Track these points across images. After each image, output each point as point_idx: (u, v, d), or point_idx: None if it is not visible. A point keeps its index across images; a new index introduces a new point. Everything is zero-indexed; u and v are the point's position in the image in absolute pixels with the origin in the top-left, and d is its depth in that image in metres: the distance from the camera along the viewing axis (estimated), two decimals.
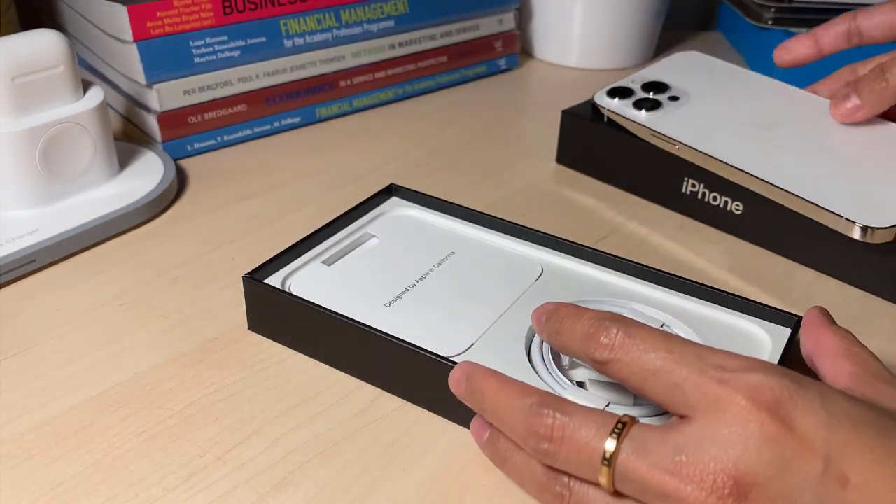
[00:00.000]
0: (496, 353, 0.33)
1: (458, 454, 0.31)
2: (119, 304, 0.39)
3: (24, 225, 0.42)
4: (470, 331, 0.34)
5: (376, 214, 0.42)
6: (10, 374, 0.34)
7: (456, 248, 0.40)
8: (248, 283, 0.36)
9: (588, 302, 0.36)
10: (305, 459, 0.30)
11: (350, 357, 0.34)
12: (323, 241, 0.40)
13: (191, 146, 0.54)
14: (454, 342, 0.33)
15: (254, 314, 0.37)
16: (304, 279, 0.37)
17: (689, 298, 0.37)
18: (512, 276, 0.38)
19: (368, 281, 0.37)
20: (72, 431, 0.31)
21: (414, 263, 0.39)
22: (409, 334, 0.32)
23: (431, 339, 0.33)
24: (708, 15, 0.88)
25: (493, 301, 0.36)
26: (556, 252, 0.40)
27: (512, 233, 0.41)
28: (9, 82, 0.41)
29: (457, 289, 0.37)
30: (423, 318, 0.35)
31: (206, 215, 0.47)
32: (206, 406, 0.33)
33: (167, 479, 0.29)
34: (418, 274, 0.38)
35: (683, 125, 0.47)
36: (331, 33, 0.57)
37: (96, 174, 0.45)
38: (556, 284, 0.38)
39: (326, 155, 0.55)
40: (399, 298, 0.36)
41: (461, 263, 0.39)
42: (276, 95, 0.56)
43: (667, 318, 0.35)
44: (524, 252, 0.40)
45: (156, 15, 0.50)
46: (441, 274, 0.38)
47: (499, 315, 0.35)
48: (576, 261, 0.39)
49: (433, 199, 0.43)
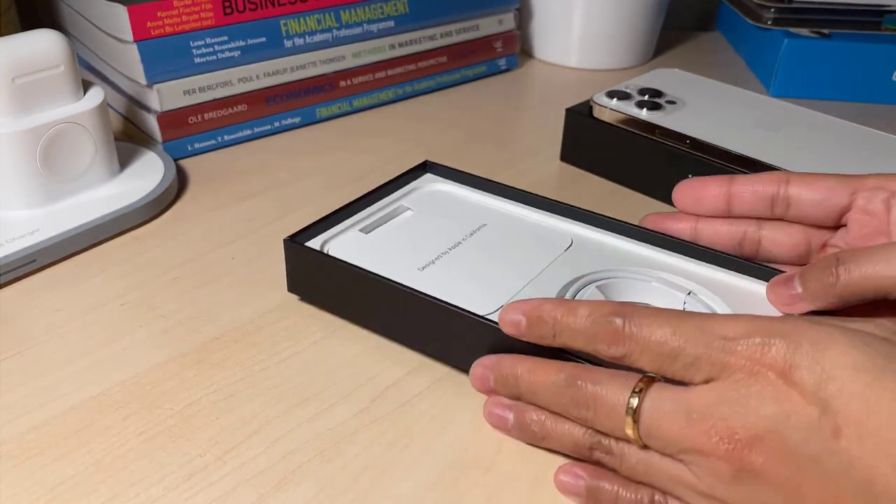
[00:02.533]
0: None
1: (459, 454, 0.31)
2: (119, 304, 0.39)
3: (25, 225, 0.42)
4: (500, 294, 0.35)
5: (411, 189, 0.43)
6: (10, 374, 0.34)
7: (487, 221, 0.41)
8: (289, 246, 0.37)
9: (617, 272, 0.36)
10: (305, 459, 0.30)
11: (384, 316, 0.36)
12: (359, 212, 0.41)
13: (191, 146, 0.54)
14: (484, 303, 0.34)
15: (293, 276, 0.38)
16: (342, 244, 0.38)
17: (715, 268, 0.37)
18: (542, 246, 0.39)
19: (403, 248, 0.38)
20: (72, 431, 0.31)
21: (447, 233, 0.39)
22: (442, 294, 0.33)
23: (462, 300, 0.33)
24: (708, 15, 0.89)
25: (522, 268, 0.37)
26: (586, 225, 0.40)
27: (543, 207, 0.41)
28: (9, 82, 0.41)
29: (488, 256, 0.38)
30: (454, 280, 0.36)
31: (206, 215, 0.47)
32: (206, 406, 0.33)
33: (167, 478, 0.29)
34: (451, 243, 0.39)
35: (687, 124, 0.48)
36: (331, 33, 0.57)
37: (96, 174, 0.45)
38: (585, 254, 0.38)
39: (326, 155, 0.55)
40: (432, 263, 0.37)
41: (492, 234, 0.40)
42: (276, 96, 0.56)
43: (694, 286, 0.35)
44: (554, 225, 0.40)
45: (156, 15, 0.50)
46: (473, 243, 0.39)
47: (528, 281, 0.36)
48: (605, 233, 0.39)
49: (466, 175, 0.44)
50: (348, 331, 0.37)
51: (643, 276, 0.36)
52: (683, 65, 0.64)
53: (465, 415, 0.33)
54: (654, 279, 0.36)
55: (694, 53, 0.78)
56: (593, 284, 0.36)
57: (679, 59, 0.76)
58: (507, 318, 0.31)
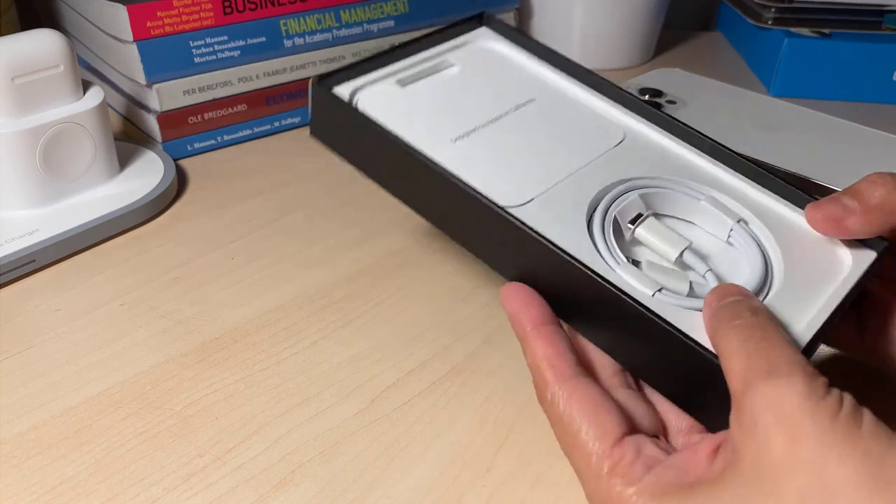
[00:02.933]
0: (554, 215, 0.30)
1: (459, 454, 0.31)
2: (119, 304, 0.39)
3: (24, 225, 0.42)
4: (534, 184, 0.31)
5: (461, 43, 0.39)
6: (9, 374, 0.34)
7: (538, 95, 0.37)
8: (317, 90, 0.34)
9: (666, 181, 0.33)
10: (305, 460, 0.30)
11: (404, 184, 0.32)
12: (400, 60, 0.37)
13: (191, 146, 0.54)
14: (514, 193, 0.31)
15: (317, 121, 0.35)
16: (375, 95, 0.35)
17: (774, 197, 0.33)
18: (590, 136, 0.35)
19: (440, 110, 0.34)
20: (72, 431, 0.31)
21: (490, 101, 0.35)
22: (470, 174, 0.30)
23: (491, 185, 0.30)
24: (708, 15, 0.88)
25: (565, 158, 0.33)
26: (643, 120, 0.36)
27: (600, 89, 0.37)
28: (9, 82, 0.41)
29: (529, 138, 0.34)
30: (487, 160, 0.32)
31: (206, 215, 0.47)
32: (205, 406, 0.33)
33: (167, 479, 0.29)
34: (493, 114, 0.35)
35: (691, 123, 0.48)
36: (331, 33, 0.57)
37: (96, 174, 0.45)
38: (636, 155, 0.34)
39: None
40: (468, 136, 0.33)
41: (540, 112, 0.36)
42: (276, 95, 0.56)
43: (746, 213, 0.32)
44: (608, 113, 0.36)
45: (156, 15, 0.50)
46: (517, 119, 0.35)
47: (568, 174, 0.32)
48: (662, 134, 0.35)
49: (525, 37, 0.39)
50: (348, 331, 0.37)
51: (694, 191, 0.33)
52: (683, 65, 0.64)
53: (465, 415, 0.33)
54: (705, 197, 0.32)
55: (694, 53, 0.78)
56: (637, 192, 0.32)
57: (679, 59, 0.76)
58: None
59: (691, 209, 0.33)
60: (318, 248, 0.43)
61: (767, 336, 0.24)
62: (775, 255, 0.31)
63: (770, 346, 0.23)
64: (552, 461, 0.30)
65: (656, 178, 0.33)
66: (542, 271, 0.29)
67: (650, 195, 0.32)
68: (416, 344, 0.36)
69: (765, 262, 0.30)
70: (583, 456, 0.25)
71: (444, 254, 0.43)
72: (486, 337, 0.37)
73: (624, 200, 0.32)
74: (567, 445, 0.26)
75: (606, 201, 0.32)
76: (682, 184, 0.33)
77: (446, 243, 0.44)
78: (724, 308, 0.26)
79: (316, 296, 0.40)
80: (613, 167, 0.33)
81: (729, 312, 0.25)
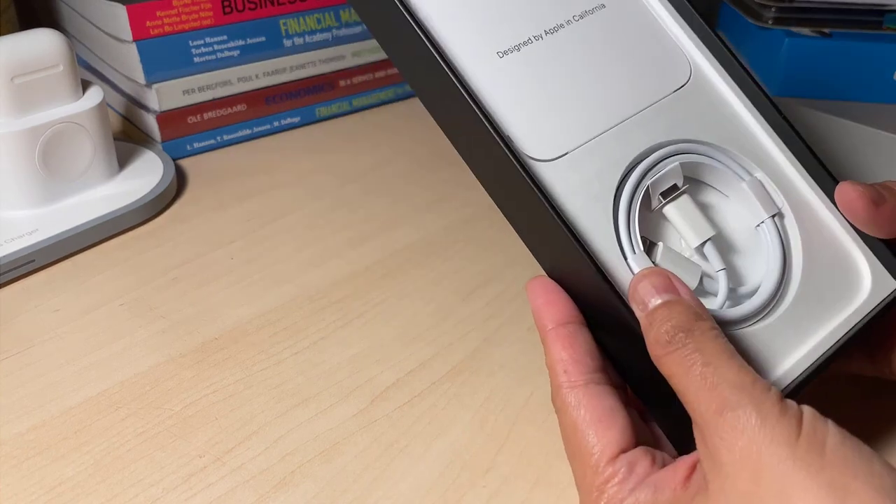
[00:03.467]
0: (582, 180, 0.28)
1: (459, 454, 0.31)
2: (119, 304, 0.39)
3: (24, 225, 0.42)
4: (574, 132, 0.29)
5: None
6: (9, 374, 0.34)
7: (608, 2, 0.32)
8: None
9: (715, 150, 0.30)
10: (305, 459, 0.30)
11: (430, 98, 0.29)
12: None
13: (190, 146, 0.54)
14: (548, 143, 0.28)
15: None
16: None
17: (817, 192, 0.31)
18: (654, 69, 0.31)
19: (491, 10, 0.30)
20: (71, 432, 0.31)
21: (552, 5, 0.31)
22: (507, 103, 0.28)
23: (525, 125, 0.28)
24: (708, 14, 0.88)
25: (618, 98, 0.30)
26: (715, 62, 0.32)
27: (679, 9, 0.33)
28: (8, 82, 0.41)
29: (586, 62, 0.30)
30: (529, 90, 0.29)
31: (205, 215, 0.47)
32: (205, 406, 0.33)
33: (166, 479, 0.29)
34: (552, 22, 0.30)
35: None
36: (330, 33, 0.57)
37: (96, 174, 0.45)
38: (694, 106, 0.31)
39: (326, 155, 0.54)
40: (517, 50, 0.29)
41: (605, 26, 0.31)
42: (275, 95, 0.56)
43: (784, 206, 0.30)
44: (679, 40, 0.32)
45: (155, 14, 0.50)
46: (578, 32, 0.31)
47: (615, 122, 0.29)
48: (729, 84, 0.32)
49: None
50: (348, 331, 0.37)
51: (741, 168, 0.30)
52: None
53: (465, 415, 0.33)
54: (749, 180, 0.30)
55: None
56: (679, 158, 0.29)
57: None
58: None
59: (733, 188, 0.30)
60: (317, 248, 0.43)
61: (707, 360, 0.23)
62: (797, 261, 0.29)
63: (713, 373, 0.23)
64: (553, 462, 0.30)
65: (706, 146, 0.30)
66: (553, 252, 0.27)
67: (692, 166, 0.30)
68: (416, 344, 0.36)
69: (783, 268, 0.29)
70: (581, 466, 0.25)
71: (445, 254, 0.43)
72: (486, 337, 0.37)
73: (662, 168, 0.29)
74: (570, 452, 0.26)
75: (643, 168, 0.29)
76: (732, 156, 0.30)
77: (446, 243, 0.44)
78: (656, 328, 0.24)
79: (316, 296, 0.39)
80: (666, 120, 0.30)
81: (663, 335, 0.24)
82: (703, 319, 0.24)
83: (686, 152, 0.30)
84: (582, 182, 0.28)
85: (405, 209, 0.47)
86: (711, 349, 0.23)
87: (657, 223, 0.30)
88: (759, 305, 0.28)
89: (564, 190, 0.27)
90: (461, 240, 0.44)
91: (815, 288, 0.29)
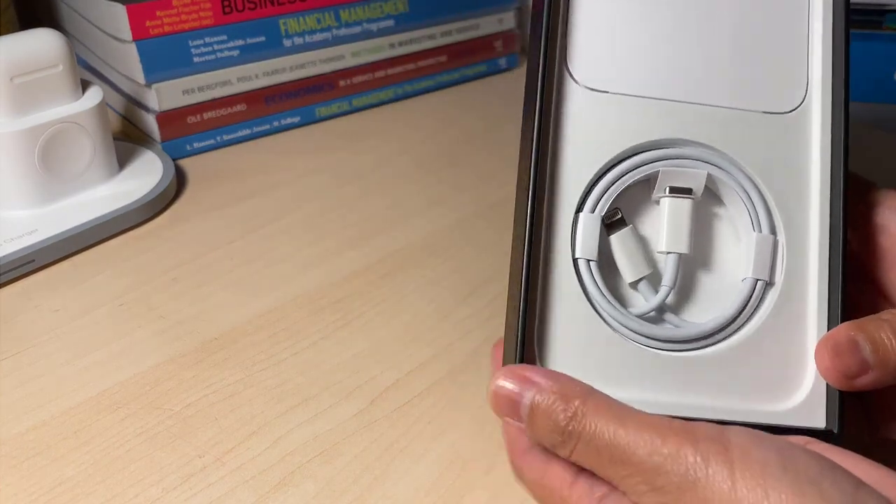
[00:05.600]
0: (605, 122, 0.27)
1: (458, 454, 0.31)
2: (118, 304, 0.39)
3: (23, 225, 0.42)
4: (630, 80, 0.27)
5: None
6: (9, 374, 0.34)
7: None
8: None
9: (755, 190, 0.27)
10: (305, 460, 0.30)
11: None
12: None
13: (190, 146, 0.54)
14: (600, 73, 0.27)
15: None
16: None
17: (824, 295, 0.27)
18: (762, 78, 0.27)
19: None
20: (70, 432, 0.31)
21: None
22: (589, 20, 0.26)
23: (591, 46, 0.26)
24: None
25: (701, 78, 0.27)
26: (829, 108, 0.27)
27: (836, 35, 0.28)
28: (7, 82, 0.41)
29: (693, 27, 0.27)
30: (621, 19, 0.27)
31: (205, 215, 0.47)
32: (205, 406, 0.33)
33: (166, 479, 0.29)
34: None
35: None
36: (330, 33, 0.57)
37: (95, 174, 0.45)
38: (772, 138, 0.27)
39: (326, 155, 0.54)
40: None
41: (744, 7, 0.28)
42: (275, 95, 0.56)
43: (779, 282, 0.27)
44: (812, 67, 0.28)
45: (155, 14, 0.50)
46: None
47: (677, 98, 0.27)
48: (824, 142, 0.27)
49: None
50: (348, 331, 0.37)
51: (766, 221, 0.27)
52: None
53: (465, 415, 0.33)
54: (763, 236, 0.27)
55: None
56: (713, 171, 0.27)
57: None
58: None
59: (745, 231, 0.28)
60: (317, 248, 0.43)
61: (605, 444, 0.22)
62: (746, 333, 0.27)
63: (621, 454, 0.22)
64: None
65: (749, 180, 0.27)
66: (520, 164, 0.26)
67: (722, 185, 0.27)
68: (416, 344, 0.36)
69: (727, 326, 0.27)
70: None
71: (445, 254, 0.43)
72: (487, 337, 0.37)
73: (688, 166, 0.27)
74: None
75: (667, 153, 0.27)
76: (767, 205, 0.27)
77: (446, 243, 0.44)
78: (537, 436, 0.23)
79: (316, 296, 0.39)
80: (734, 132, 0.27)
81: (546, 441, 0.23)
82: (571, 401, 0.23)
83: (725, 170, 0.27)
84: (600, 123, 0.26)
85: (405, 209, 0.47)
86: (602, 432, 0.22)
87: (644, 209, 0.28)
88: (682, 337, 0.27)
89: (577, 116, 0.26)
90: (461, 240, 0.44)
91: (743, 365, 0.27)
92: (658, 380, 0.26)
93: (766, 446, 0.21)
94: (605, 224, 0.27)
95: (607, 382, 0.25)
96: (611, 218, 0.27)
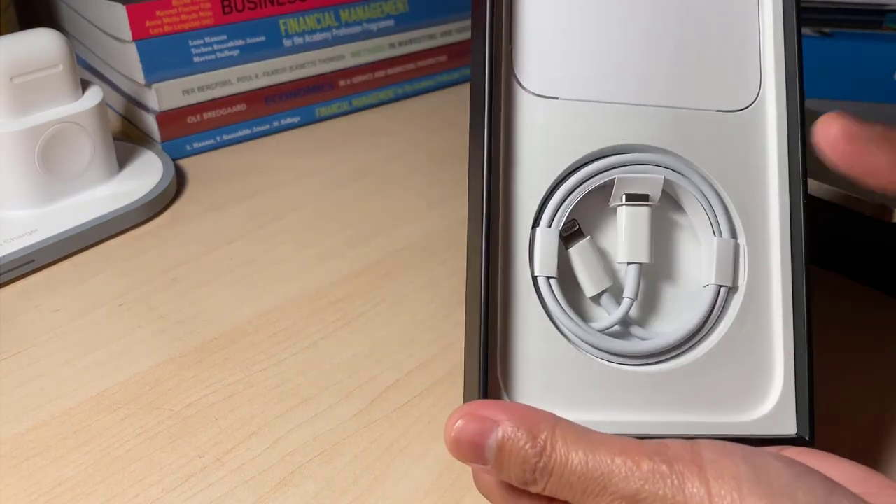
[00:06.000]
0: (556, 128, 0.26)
1: None
2: (118, 305, 0.39)
3: (23, 225, 0.42)
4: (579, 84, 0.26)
5: None
6: (8, 374, 0.34)
7: None
8: None
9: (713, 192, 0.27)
10: (305, 460, 0.30)
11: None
12: None
13: (190, 146, 0.53)
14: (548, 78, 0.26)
15: None
16: None
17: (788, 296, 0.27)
18: (714, 76, 0.27)
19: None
20: (70, 432, 0.31)
21: None
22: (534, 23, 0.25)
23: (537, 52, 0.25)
24: None
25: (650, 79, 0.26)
26: (784, 105, 0.27)
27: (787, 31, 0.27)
28: (7, 82, 0.41)
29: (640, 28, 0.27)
30: (566, 23, 0.26)
31: (205, 215, 0.47)
32: (205, 406, 0.33)
33: (166, 479, 0.29)
34: None
35: None
36: (330, 32, 0.57)
37: (95, 174, 0.45)
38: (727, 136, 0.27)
39: (326, 155, 0.54)
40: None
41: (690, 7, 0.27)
42: (275, 95, 0.56)
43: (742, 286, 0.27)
44: (765, 65, 0.27)
45: (155, 14, 0.50)
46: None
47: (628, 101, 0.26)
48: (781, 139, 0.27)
49: None
50: (348, 331, 0.37)
51: (727, 225, 0.27)
52: None
53: None
54: (724, 241, 0.26)
55: None
56: (669, 175, 0.26)
57: None
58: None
59: (706, 236, 0.27)
60: (317, 248, 0.43)
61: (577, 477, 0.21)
62: (712, 342, 0.26)
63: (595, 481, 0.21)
64: None
65: (706, 182, 0.27)
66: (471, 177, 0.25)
67: (680, 189, 0.27)
68: (416, 344, 0.36)
69: (692, 337, 0.26)
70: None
71: (445, 254, 0.43)
72: None
73: (644, 171, 0.26)
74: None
75: (622, 159, 0.26)
76: (726, 207, 0.27)
77: (446, 243, 0.44)
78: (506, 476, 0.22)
79: (316, 296, 0.39)
80: (686, 132, 0.26)
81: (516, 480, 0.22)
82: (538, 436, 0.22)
83: (682, 174, 0.27)
84: (551, 132, 0.26)
85: (405, 209, 0.47)
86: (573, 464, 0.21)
87: (602, 217, 0.27)
88: (646, 351, 0.26)
89: (529, 124, 0.25)
90: (461, 240, 0.44)
91: (711, 376, 0.26)
92: (625, 398, 0.25)
93: (736, 459, 0.21)
94: (563, 236, 0.26)
95: (573, 405, 0.25)
96: (568, 230, 0.26)
